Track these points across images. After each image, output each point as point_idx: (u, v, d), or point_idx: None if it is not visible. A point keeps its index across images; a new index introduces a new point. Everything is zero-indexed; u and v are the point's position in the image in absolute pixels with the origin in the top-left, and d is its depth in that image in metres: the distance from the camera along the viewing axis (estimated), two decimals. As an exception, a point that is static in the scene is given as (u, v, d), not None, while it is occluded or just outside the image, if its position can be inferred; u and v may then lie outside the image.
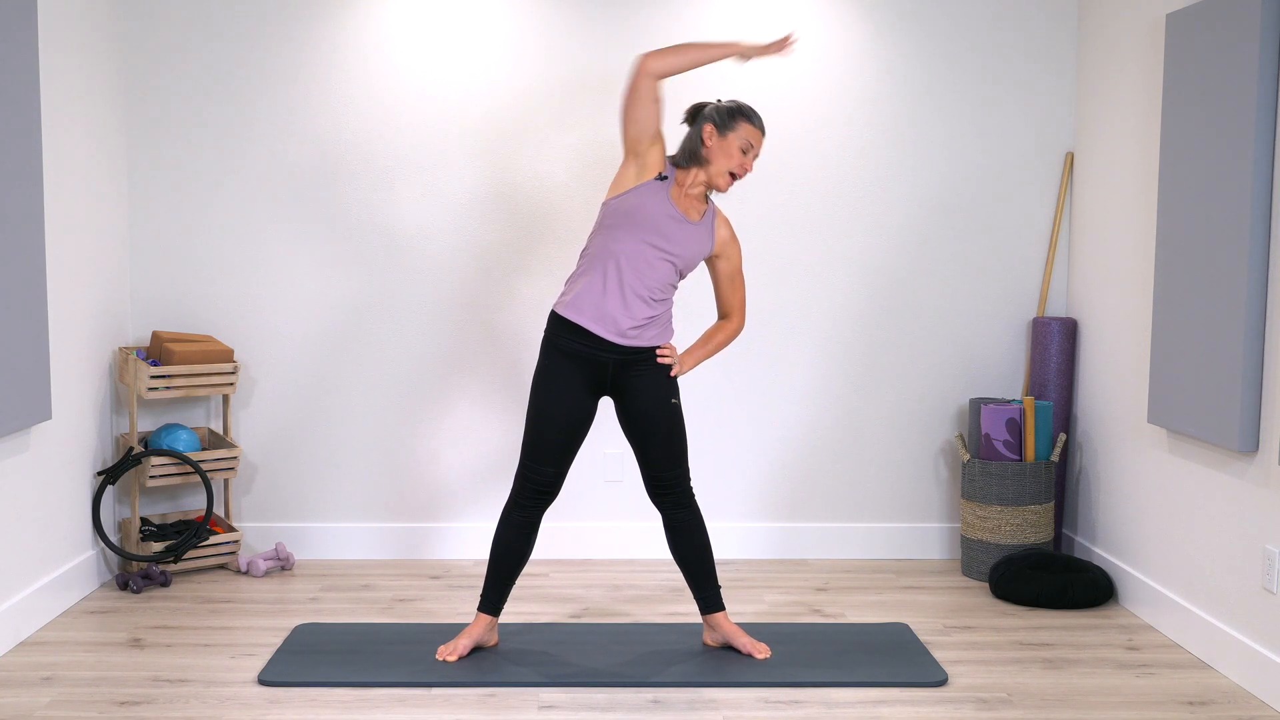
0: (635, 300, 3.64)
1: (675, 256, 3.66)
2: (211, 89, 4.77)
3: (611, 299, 3.63)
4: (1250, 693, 3.57)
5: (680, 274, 3.72)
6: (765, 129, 3.67)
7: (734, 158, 3.65)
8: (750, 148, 3.67)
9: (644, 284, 3.64)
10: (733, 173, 3.67)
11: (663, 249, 3.64)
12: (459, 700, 3.47)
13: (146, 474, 4.51)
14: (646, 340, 3.70)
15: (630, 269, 3.63)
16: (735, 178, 3.69)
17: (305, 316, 4.85)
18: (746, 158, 3.67)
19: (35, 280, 3.89)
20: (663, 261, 3.65)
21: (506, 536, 3.77)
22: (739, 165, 3.66)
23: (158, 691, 3.52)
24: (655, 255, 3.64)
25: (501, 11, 4.78)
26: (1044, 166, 4.89)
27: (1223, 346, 3.66)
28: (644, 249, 3.63)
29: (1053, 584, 4.31)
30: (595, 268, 3.66)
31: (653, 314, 3.68)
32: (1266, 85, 3.50)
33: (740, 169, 3.67)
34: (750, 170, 3.70)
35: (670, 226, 3.64)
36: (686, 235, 3.67)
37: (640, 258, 3.63)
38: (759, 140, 3.68)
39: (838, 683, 3.59)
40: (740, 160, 3.66)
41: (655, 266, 3.64)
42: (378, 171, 4.81)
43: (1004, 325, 4.94)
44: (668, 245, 3.64)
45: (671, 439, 3.74)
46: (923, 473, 4.98)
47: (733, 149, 3.65)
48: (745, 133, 3.65)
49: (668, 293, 3.71)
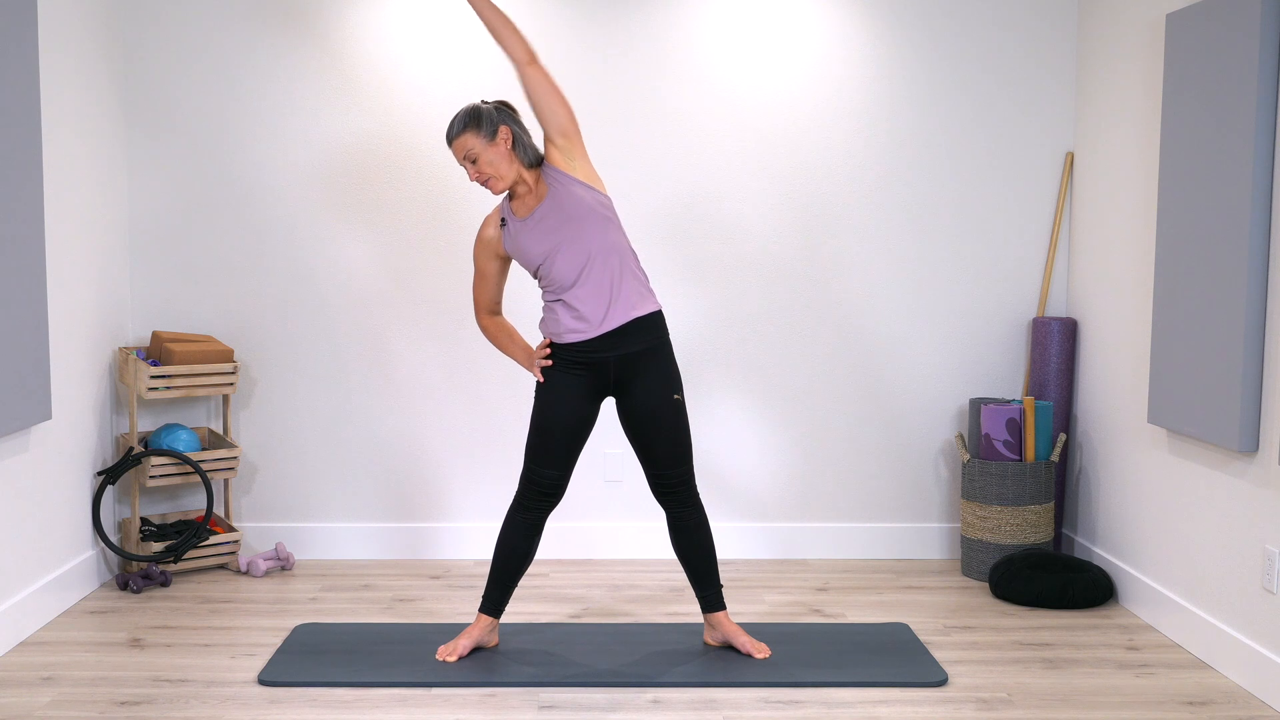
0: (589, 286, 3.62)
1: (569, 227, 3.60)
2: (212, 89, 4.77)
3: (573, 304, 3.63)
4: (1250, 693, 3.57)
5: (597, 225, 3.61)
6: (451, 138, 3.60)
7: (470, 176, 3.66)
8: (465, 161, 3.63)
9: (579, 269, 3.61)
10: (483, 184, 3.65)
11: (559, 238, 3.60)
12: (459, 700, 3.47)
13: (146, 474, 4.51)
14: (635, 310, 3.65)
15: (565, 274, 3.61)
16: (487, 184, 3.64)
17: (305, 316, 4.85)
18: (470, 171, 3.63)
19: (35, 280, 3.89)
20: (571, 243, 3.60)
21: (511, 538, 3.77)
22: (473, 179, 3.64)
23: (158, 691, 3.52)
24: (562, 247, 3.60)
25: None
26: (1044, 166, 4.89)
27: (1223, 346, 3.66)
28: (554, 257, 3.61)
29: (1053, 584, 4.31)
30: (549, 298, 3.69)
31: (613, 280, 3.63)
32: (1266, 85, 3.50)
33: (477, 181, 3.64)
34: (479, 175, 3.62)
35: (541, 225, 3.62)
36: (553, 208, 3.62)
37: (561, 262, 3.61)
38: (455, 153, 3.63)
39: (838, 683, 3.59)
40: (472, 175, 3.64)
41: (574, 251, 3.60)
42: (378, 171, 4.81)
43: (1004, 325, 4.94)
44: (556, 233, 3.60)
45: (675, 437, 3.73)
46: (923, 473, 4.98)
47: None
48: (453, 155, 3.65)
49: (611, 250, 3.62)
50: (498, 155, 3.60)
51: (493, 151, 3.59)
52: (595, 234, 3.61)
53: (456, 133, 3.61)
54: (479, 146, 3.59)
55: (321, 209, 4.82)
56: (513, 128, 3.63)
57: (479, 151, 3.59)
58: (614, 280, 3.63)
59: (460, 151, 3.61)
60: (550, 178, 3.64)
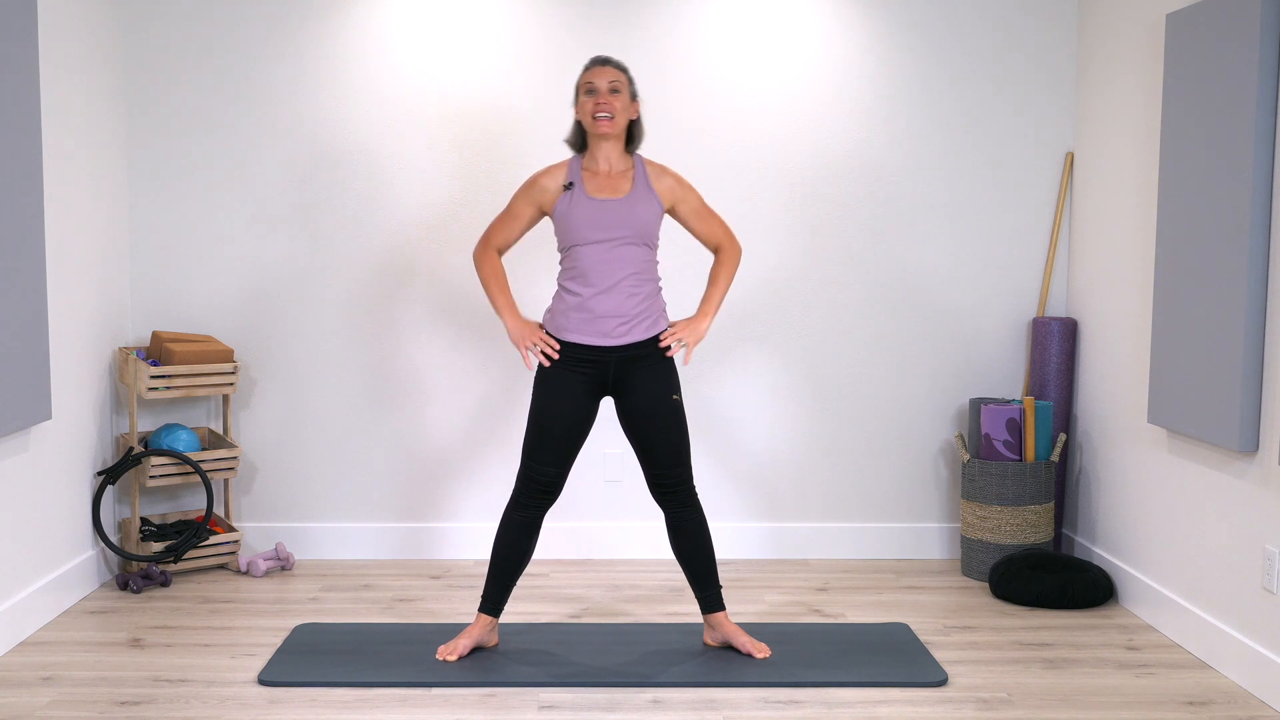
0: (615, 298, 3.64)
1: (628, 234, 3.65)
2: (211, 89, 4.77)
3: (592, 307, 3.64)
4: (1250, 693, 3.57)
5: (648, 245, 3.69)
6: (607, 61, 3.67)
7: (585, 105, 3.68)
8: (591, 86, 3.67)
9: (617, 279, 3.63)
10: (596, 115, 3.66)
11: (615, 235, 3.63)
12: (459, 700, 3.47)
13: (146, 474, 4.51)
14: (640, 334, 3.69)
15: (597, 273, 3.63)
16: (603, 115, 3.66)
17: (305, 316, 4.85)
18: (595, 96, 3.66)
19: (35, 280, 3.89)
20: (621, 247, 3.64)
21: (508, 537, 3.77)
22: (593, 105, 3.67)
23: (158, 691, 3.52)
24: (610, 246, 3.63)
25: (503, 11, 4.78)
26: (1044, 166, 4.89)
27: (1223, 346, 3.66)
28: (597, 249, 3.63)
29: (1053, 584, 4.31)
30: (568, 284, 3.70)
31: (640, 308, 3.66)
32: (1266, 85, 3.50)
33: (596, 107, 3.66)
34: (606, 104, 3.66)
35: (605, 214, 3.64)
36: (626, 209, 3.66)
37: (600, 258, 3.63)
38: (598, 75, 3.67)
39: (838, 683, 3.59)
40: (591, 103, 3.66)
41: (618, 256, 3.63)
42: (378, 171, 4.81)
43: (1004, 325, 4.94)
44: (615, 230, 3.64)
45: (673, 437, 3.73)
46: (923, 473, 4.98)
47: (582, 98, 3.69)
48: (583, 79, 3.69)
49: (648, 273, 3.69)
50: (625, 108, 3.70)
51: (626, 104, 3.71)
52: (639, 252, 3.67)
53: (614, 62, 3.70)
54: (623, 88, 3.70)
55: (321, 209, 4.82)
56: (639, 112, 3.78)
57: (622, 89, 3.69)
58: (640, 303, 3.68)
59: (607, 77, 3.67)
60: (643, 186, 3.71)
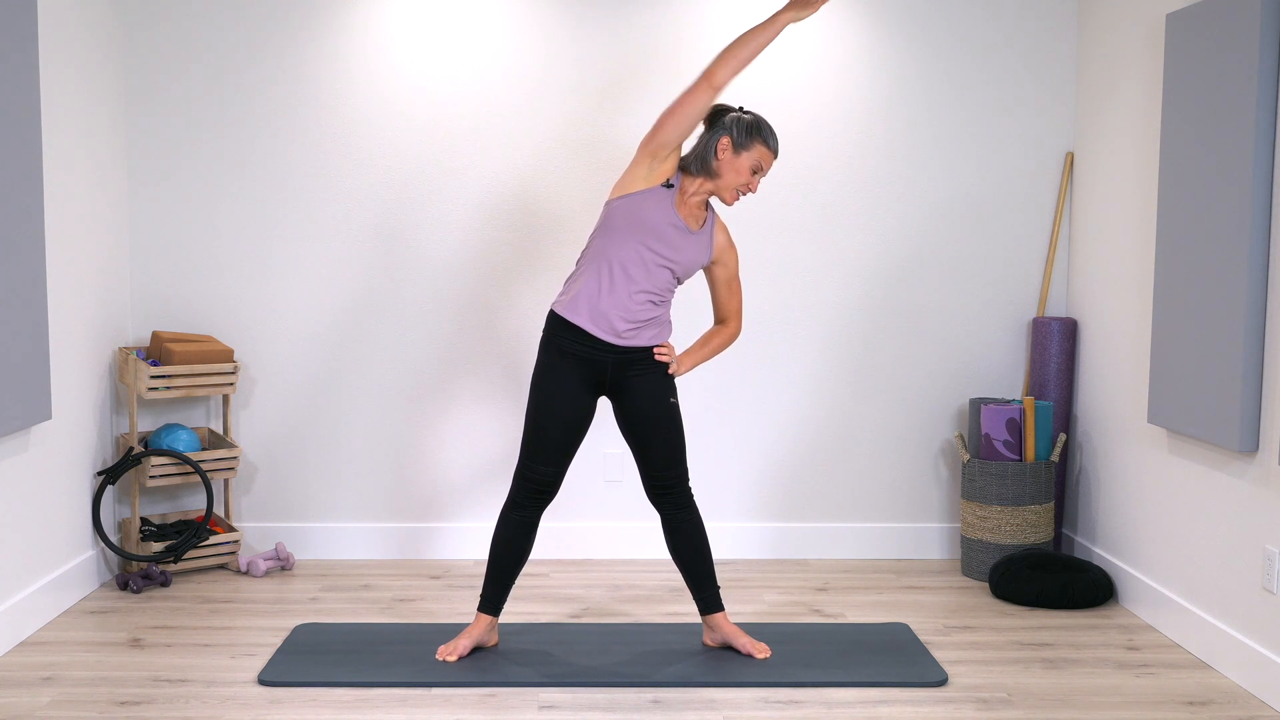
0: (633, 303, 3.65)
1: (674, 264, 3.67)
2: (212, 89, 4.77)
3: (608, 300, 3.64)
4: (1250, 693, 3.57)
5: (679, 280, 3.73)
6: (779, 150, 3.67)
7: (743, 175, 3.65)
8: (760, 169, 3.66)
9: (642, 287, 3.65)
10: (742, 194, 3.68)
11: (662, 255, 3.65)
12: (459, 700, 3.47)
13: (146, 474, 4.52)
14: (644, 340, 3.70)
15: (629, 272, 3.63)
16: (740, 195, 3.69)
17: (305, 316, 4.85)
18: (755, 178, 3.67)
19: (35, 280, 3.89)
20: (661, 268, 3.66)
21: (505, 536, 3.77)
22: (745, 185, 3.67)
23: (158, 691, 3.52)
24: (654, 260, 3.64)
25: (503, 12, 4.78)
26: (1044, 167, 4.89)
27: (1223, 346, 3.66)
28: (644, 253, 3.63)
29: (1053, 584, 4.31)
30: (594, 269, 3.67)
31: (650, 316, 3.69)
32: (1266, 85, 3.50)
33: (746, 188, 3.68)
34: (755, 190, 3.71)
35: (671, 234, 3.65)
36: (687, 244, 3.68)
37: (640, 262, 3.64)
38: (770, 162, 3.67)
39: (838, 683, 3.59)
40: (748, 180, 3.66)
41: (654, 272, 3.65)
42: (378, 171, 4.81)
43: (1004, 325, 4.94)
44: (667, 252, 3.65)
45: (670, 439, 3.74)
46: (923, 473, 4.98)
47: (743, 167, 3.64)
48: (759, 154, 3.64)
49: (666, 295, 3.72)
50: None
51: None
52: (670, 283, 3.70)
53: (776, 149, 3.69)
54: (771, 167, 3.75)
55: (321, 209, 4.82)
56: None
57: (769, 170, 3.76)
58: (652, 320, 3.70)
59: (768, 164, 3.68)
60: (707, 232, 3.73)
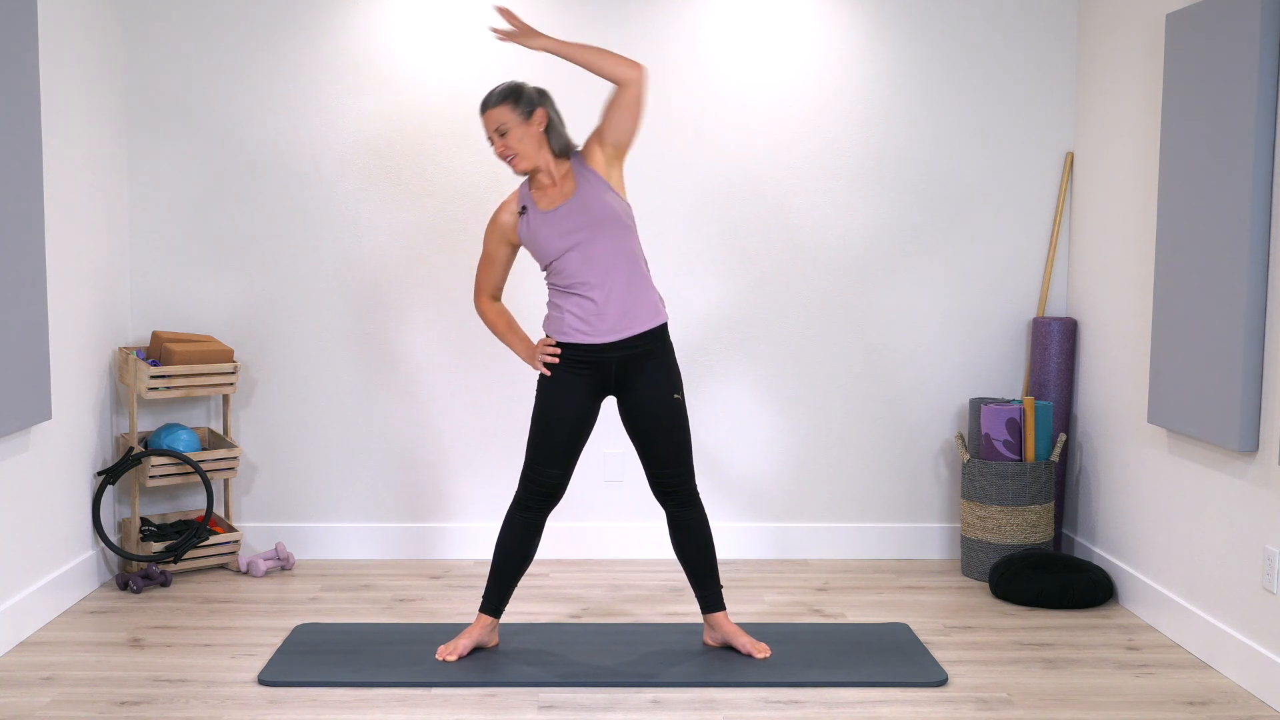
0: (611, 291, 3.61)
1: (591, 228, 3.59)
2: (211, 89, 4.77)
3: (585, 310, 3.62)
4: (1250, 693, 3.57)
5: (618, 231, 3.61)
6: (485, 106, 3.59)
7: (495, 146, 3.64)
8: (495, 134, 3.61)
9: (600, 274, 3.61)
10: (503, 160, 3.64)
11: (580, 238, 3.59)
12: (459, 700, 3.47)
13: (146, 474, 4.52)
14: (641, 325, 3.66)
15: (581, 275, 3.60)
16: (508, 159, 3.62)
17: (306, 316, 4.85)
18: (500, 141, 3.61)
19: (35, 280, 3.89)
20: (593, 243, 3.59)
21: (510, 538, 3.77)
22: (498, 153, 3.63)
23: (158, 691, 3.52)
24: (582, 248, 3.59)
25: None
26: (1044, 166, 4.89)
27: (1223, 346, 3.66)
28: (572, 255, 3.60)
29: (1053, 584, 4.31)
30: (559, 297, 3.68)
31: (632, 294, 3.63)
32: (1266, 85, 3.50)
33: (500, 154, 3.63)
34: (503, 149, 3.61)
35: (563, 221, 3.60)
36: (579, 207, 3.61)
37: (579, 262, 3.60)
38: (485, 125, 3.62)
39: (838, 683, 3.59)
40: (497, 147, 3.63)
41: (594, 254, 3.60)
42: (378, 171, 4.81)
43: (1004, 325, 4.94)
44: (578, 232, 3.59)
45: (675, 436, 3.73)
46: (923, 473, 4.98)
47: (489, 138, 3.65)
48: (483, 125, 3.64)
49: (633, 263, 3.63)
50: (528, 135, 3.60)
51: (524, 130, 3.60)
52: (617, 240, 3.61)
53: (493, 103, 3.60)
54: (512, 122, 3.59)
55: (321, 209, 4.82)
56: (549, 112, 3.64)
57: (511, 127, 3.59)
58: (629, 291, 3.63)
59: (492, 123, 3.60)
60: (582, 177, 3.64)
